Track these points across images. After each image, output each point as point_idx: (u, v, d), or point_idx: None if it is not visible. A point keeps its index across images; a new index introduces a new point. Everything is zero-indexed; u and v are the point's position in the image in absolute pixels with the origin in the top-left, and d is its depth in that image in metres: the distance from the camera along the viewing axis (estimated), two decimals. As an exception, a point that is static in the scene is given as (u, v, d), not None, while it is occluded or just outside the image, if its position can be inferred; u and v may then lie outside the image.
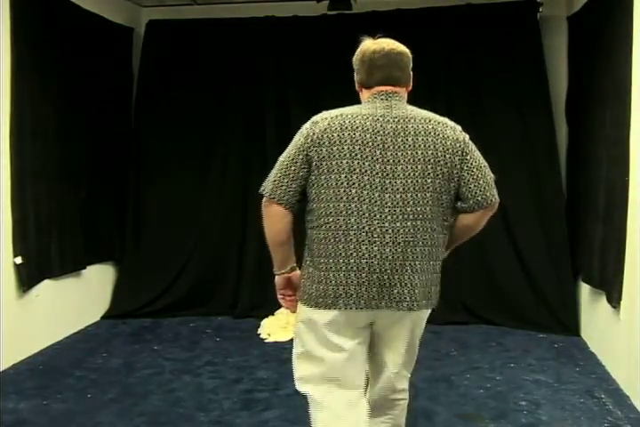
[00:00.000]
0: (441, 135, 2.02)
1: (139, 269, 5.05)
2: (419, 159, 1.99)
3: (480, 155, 2.11)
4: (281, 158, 2.07)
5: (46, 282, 4.13)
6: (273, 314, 4.68)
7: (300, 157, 2.02)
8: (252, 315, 4.79)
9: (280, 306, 4.87)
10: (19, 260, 3.80)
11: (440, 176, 2.01)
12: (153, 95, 5.16)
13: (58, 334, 4.30)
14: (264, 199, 2.06)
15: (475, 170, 2.05)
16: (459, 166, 2.03)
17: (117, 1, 5.06)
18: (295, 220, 2.08)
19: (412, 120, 2.03)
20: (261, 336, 4.38)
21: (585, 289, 4.26)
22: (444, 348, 4.12)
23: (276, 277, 2.20)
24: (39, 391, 3.37)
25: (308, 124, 2.07)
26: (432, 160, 2.00)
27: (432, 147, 2.00)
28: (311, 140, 2.01)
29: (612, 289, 3.52)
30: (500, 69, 4.76)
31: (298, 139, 2.06)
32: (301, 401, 2.95)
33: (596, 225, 3.84)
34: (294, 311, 2.22)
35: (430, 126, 2.03)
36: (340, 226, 1.98)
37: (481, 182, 2.05)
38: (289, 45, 5.01)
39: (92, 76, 4.61)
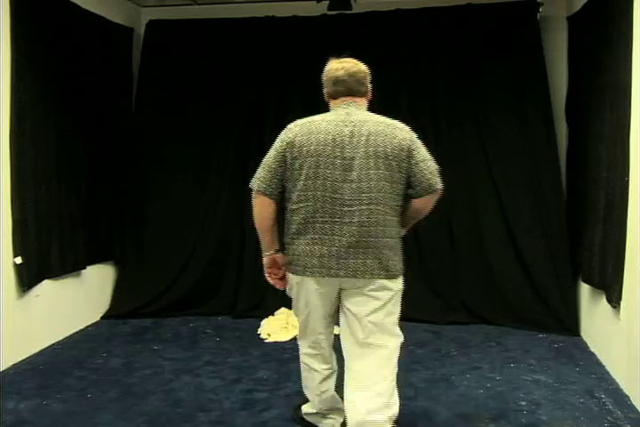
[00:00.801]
0: (390, 135, 2.47)
1: (139, 269, 5.05)
2: (370, 155, 2.44)
3: (425, 150, 2.55)
4: (264, 159, 2.57)
5: (46, 282, 4.13)
6: (273, 314, 4.68)
7: (279, 157, 2.51)
8: (252, 315, 4.79)
9: (280, 306, 4.89)
10: (19, 260, 3.81)
11: (390, 168, 2.46)
12: (153, 95, 5.16)
13: (58, 334, 4.30)
14: (253, 193, 2.56)
15: (421, 163, 2.50)
16: (406, 160, 2.48)
17: (117, 1, 5.06)
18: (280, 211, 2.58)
19: (366, 123, 2.49)
20: (261, 336, 4.38)
21: (585, 289, 4.26)
22: (444, 348, 4.12)
23: (264, 258, 2.67)
24: (39, 391, 3.37)
25: (284, 131, 2.57)
26: (382, 155, 2.45)
27: (382, 144, 2.45)
28: (286, 144, 2.50)
29: (611, 289, 3.52)
30: (500, 69, 4.76)
31: (276, 143, 2.56)
32: (301, 402, 2.96)
33: (596, 225, 3.84)
34: (280, 287, 2.69)
35: (381, 128, 2.49)
36: (309, 210, 2.46)
37: (426, 173, 2.51)
38: (289, 45, 5.01)
39: (92, 76, 4.60)
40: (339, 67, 2.57)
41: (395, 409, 2.47)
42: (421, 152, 2.52)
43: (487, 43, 4.78)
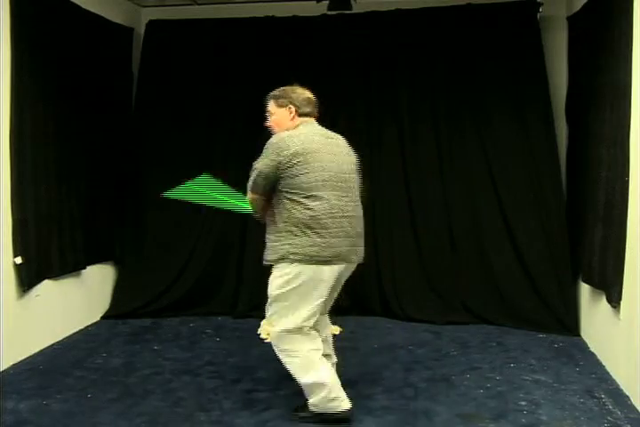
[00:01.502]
0: (349, 149, 3.06)
1: (139, 269, 5.05)
2: (349, 162, 3.02)
3: None
4: (261, 167, 2.88)
5: (46, 282, 4.13)
6: (273, 314, 4.68)
7: (273, 166, 2.84)
8: (251, 315, 4.78)
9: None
10: (19, 260, 3.80)
11: (354, 174, 3.03)
12: (153, 95, 5.17)
13: (58, 334, 4.30)
14: (249, 193, 3.02)
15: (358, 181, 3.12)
16: (355, 174, 3.04)
17: (117, 1, 5.07)
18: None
19: (335, 136, 3.05)
20: (261, 336, 4.38)
21: (585, 289, 4.26)
22: (444, 348, 4.12)
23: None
24: (39, 391, 3.37)
25: (278, 143, 2.86)
26: (353, 164, 3.04)
27: (348, 154, 3.04)
28: (290, 154, 2.80)
29: (611, 289, 3.51)
30: (500, 69, 4.76)
31: (271, 154, 2.85)
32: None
33: (596, 225, 3.83)
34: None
35: (340, 141, 3.06)
36: (326, 207, 2.84)
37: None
38: (289, 45, 5.01)
39: (91, 76, 4.61)
40: (307, 92, 3.08)
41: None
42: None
43: (487, 43, 4.79)
